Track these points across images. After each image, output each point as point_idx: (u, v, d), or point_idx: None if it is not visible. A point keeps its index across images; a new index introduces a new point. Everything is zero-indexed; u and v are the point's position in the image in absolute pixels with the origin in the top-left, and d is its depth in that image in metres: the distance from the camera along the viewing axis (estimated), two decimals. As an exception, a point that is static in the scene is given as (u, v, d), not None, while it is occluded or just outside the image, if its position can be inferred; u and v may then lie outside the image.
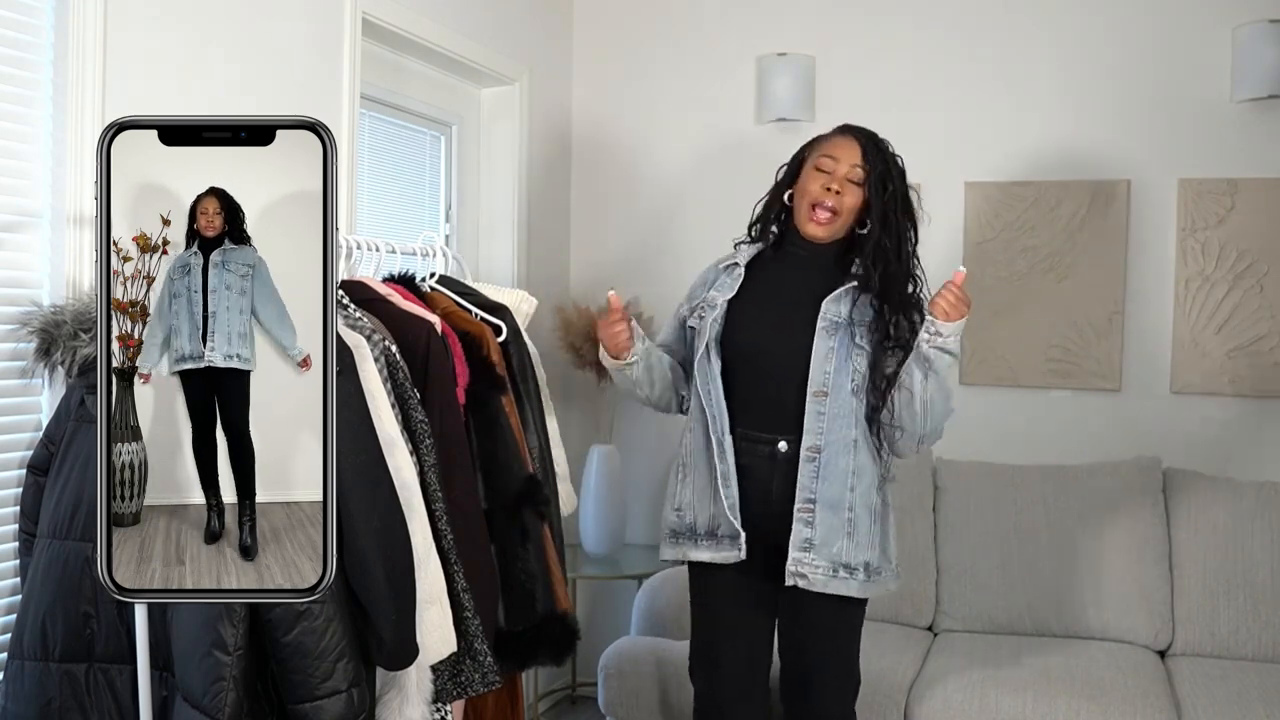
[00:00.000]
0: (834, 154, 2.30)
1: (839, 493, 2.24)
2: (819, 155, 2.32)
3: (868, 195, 2.28)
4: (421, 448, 1.95)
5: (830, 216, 2.29)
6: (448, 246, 2.69)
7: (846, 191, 2.28)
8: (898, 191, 2.28)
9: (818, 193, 2.28)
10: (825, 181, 2.28)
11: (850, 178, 2.28)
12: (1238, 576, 3.12)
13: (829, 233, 2.31)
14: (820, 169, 2.30)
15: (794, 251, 2.38)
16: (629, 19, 4.01)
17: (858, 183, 2.28)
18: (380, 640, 1.73)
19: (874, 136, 2.33)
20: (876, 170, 2.27)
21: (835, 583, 2.24)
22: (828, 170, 2.29)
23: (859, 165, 2.28)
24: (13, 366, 1.93)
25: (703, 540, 2.34)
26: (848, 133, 2.34)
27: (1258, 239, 3.39)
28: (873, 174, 2.27)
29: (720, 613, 2.41)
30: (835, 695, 2.37)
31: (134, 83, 2.12)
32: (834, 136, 2.35)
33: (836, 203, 2.28)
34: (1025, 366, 3.60)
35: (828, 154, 2.30)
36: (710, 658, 2.42)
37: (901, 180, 2.31)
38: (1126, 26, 3.51)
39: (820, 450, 2.25)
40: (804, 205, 2.31)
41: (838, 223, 2.30)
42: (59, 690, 1.74)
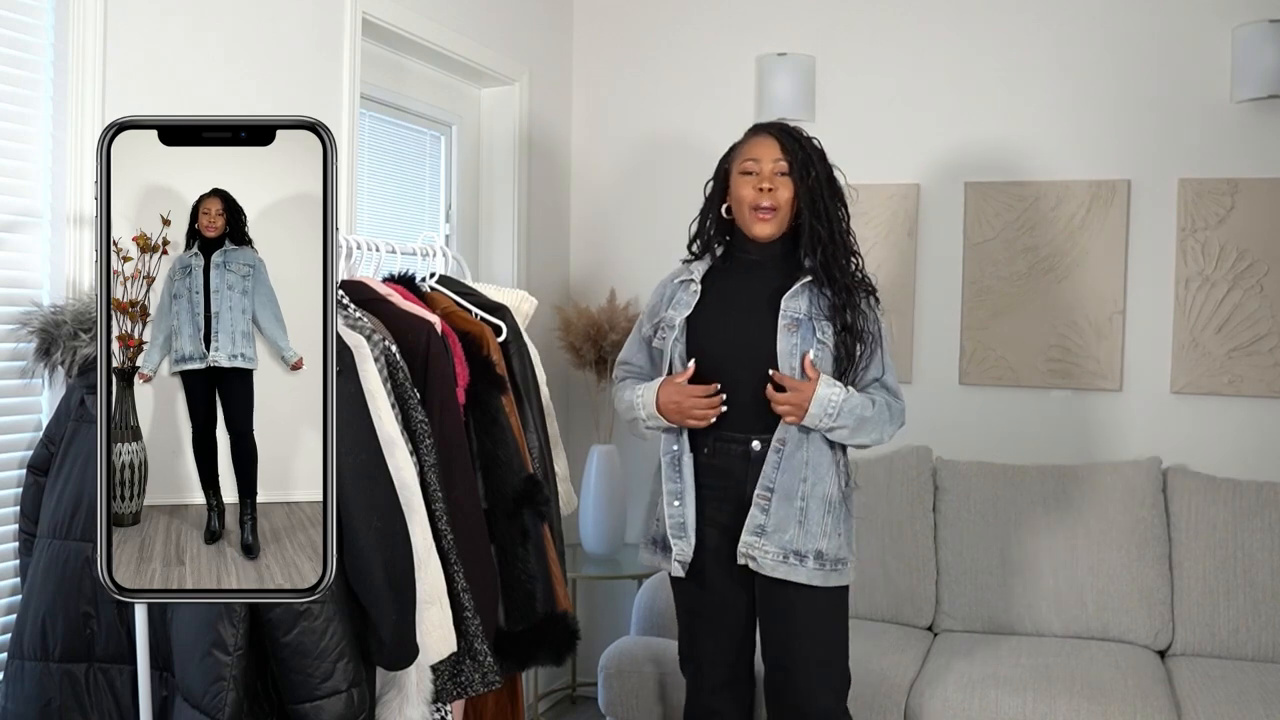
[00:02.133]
0: (754, 155, 2.39)
1: (793, 483, 2.34)
2: (741, 160, 2.41)
3: (795, 185, 2.36)
4: (421, 448, 1.95)
5: (772, 213, 2.37)
6: (448, 246, 2.69)
7: (778, 186, 2.36)
8: (820, 174, 2.37)
9: (752, 196, 2.37)
10: (755, 183, 2.37)
11: (777, 171, 2.36)
12: (1238, 576, 3.12)
13: (776, 229, 2.39)
14: (746, 172, 2.39)
15: (743, 257, 2.46)
16: (629, 19, 4.01)
17: (785, 174, 2.36)
18: (380, 640, 1.73)
19: (786, 128, 2.42)
20: (798, 159, 2.35)
21: (784, 568, 2.33)
22: (754, 172, 2.38)
23: (780, 159, 2.36)
24: (13, 366, 1.93)
25: (658, 550, 2.49)
26: (760, 131, 2.43)
27: (1258, 239, 3.39)
28: (795, 163, 2.35)
29: (699, 611, 2.49)
30: (817, 688, 2.37)
31: (134, 83, 2.12)
32: (750, 139, 2.43)
33: (772, 199, 2.36)
34: (1025, 366, 3.60)
35: (749, 157, 2.39)
36: (692, 655, 2.52)
37: (822, 163, 2.39)
38: (1126, 26, 3.51)
39: (784, 443, 2.34)
40: (744, 211, 2.40)
41: (780, 216, 2.38)
42: (59, 690, 1.74)
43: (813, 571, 2.34)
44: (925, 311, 3.70)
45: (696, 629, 2.50)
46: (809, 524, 2.34)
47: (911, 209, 3.67)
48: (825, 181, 2.37)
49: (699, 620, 2.49)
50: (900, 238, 3.69)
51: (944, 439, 3.60)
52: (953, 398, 3.68)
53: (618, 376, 2.60)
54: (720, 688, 2.50)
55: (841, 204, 2.40)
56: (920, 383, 3.69)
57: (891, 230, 3.68)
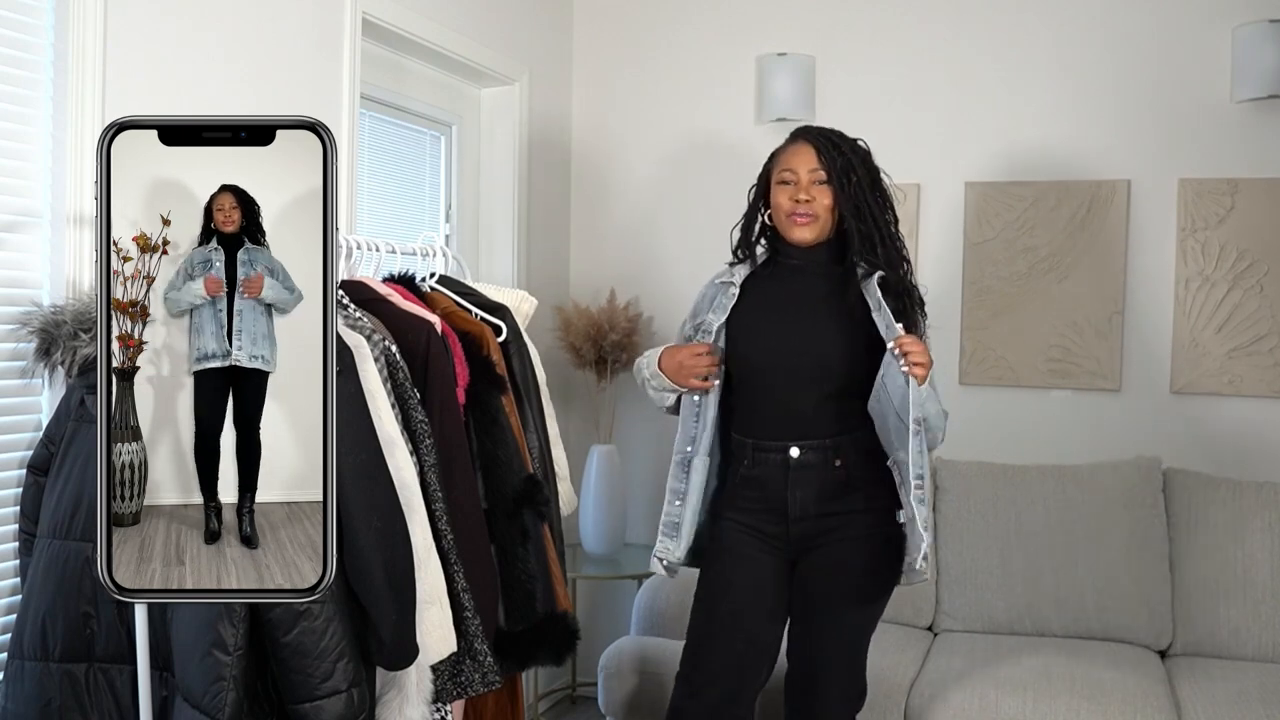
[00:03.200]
0: (791, 165, 2.35)
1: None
2: (779, 170, 2.37)
3: (835, 192, 2.32)
4: (421, 448, 1.95)
5: (810, 218, 2.33)
6: (448, 246, 2.69)
7: (815, 195, 2.32)
8: (862, 180, 2.32)
9: (789, 205, 2.34)
10: (792, 194, 2.34)
11: (814, 181, 2.33)
12: (1238, 576, 3.12)
13: (815, 233, 2.34)
14: (783, 182, 2.36)
15: (787, 262, 2.42)
16: (629, 19, 4.01)
17: (823, 182, 2.32)
18: (380, 640, 1.73)
19: (825, 133, 2.37)
20: (837, 166, 2.31)
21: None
22: (791, 182, 2.34)
23: (816, 168, 2.32)
24: (13, 366, 1.93)
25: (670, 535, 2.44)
26: (799, 139, 2.38)
27: (1258, 239, 3.39)
28: (834, 171, 2.31)
29: (721, 607, 2.37)
30: (838, 698, 2.37)
31: (134, 83, 2.12)
32: (788, 147, 2.39)
33: (809, 208, 2.32)
34: (1025, 366, 3.60)
35: (786, 167, 2.36)
36: (693, 672, 2.38)
37: (864, 166, 2.34)
38: (1126, 26, 3.51)
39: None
40: (782, 218, 2.37)
41: (819, 222, 2.33)
42: (59, 690, 1.74)
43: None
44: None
45: (703, 645, 2.38)
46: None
47: (911, 209, 3.67)
48: (869, 186, 2.32)
49: (709, 635, 2.37)
50: (900, 238, 3.69)
51: (944, 439, 3.59)
52: (953, 398, 3.67)
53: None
54: (726, 702, 2.35)
55: (889, 207, 2.36)
56: (920, 383, 3.68)
57: (891, 230, 3.68)
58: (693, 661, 2.39)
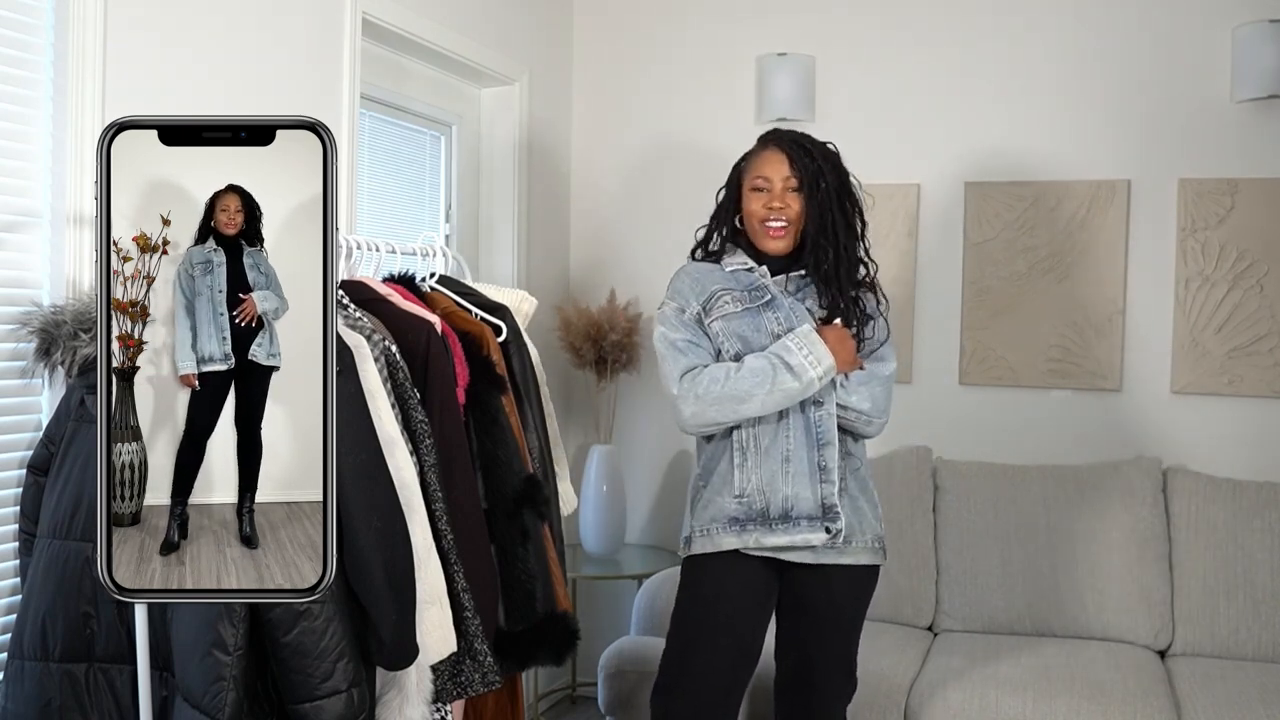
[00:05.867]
0: (764, 173, 2.34)
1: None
2: (752, 176, 2.36)
3: (805, 199, 2.32)
4: (421, 448, 1.95)
5: (784, 228, 2.33)
6: (448, 246, 2.69)
7: (789, 202, 2.32)
8: (830, 186, 2.31)
9: (762, 213, 2.34)
10: (765, 201, 2.33)
11: (787, 188, 2.32)
12: (1238, 576, 3.12)
13: (789, 243, 2.35)
14: (757, 189, 2.35)
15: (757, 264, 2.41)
16: (629, 19, 4.01)
17: (795, 189, 2.32)
18: (380, 640, 1.73)
19: (797, 139, 2.35)
20: (808, 173, 2.30)
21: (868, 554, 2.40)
22: (764, 189, 2.34)
23: (790, 175, 2.32)
24: (13, 366, 1.93)
25: (777, 525, 2.28)
26: (770, 145, 2.37)
27: (1258, 239, 3.39)
28: (805, 178, 2.31)
29: (719, 609, 2.36)
30: (835, 695, 2.38)
31: (134, 83, 2.12)
32: (760, 153, 2.38)
33: (783, 215, 2.32)
34: (1025, 366, 3.60)
35: (759, 174, 2.35)
36: (683, 677, 2.36)
37: (834, 172, 2.33)
38: (1126, 26, 3.51)
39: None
40: (755, 226, 2.36)
41: (792, 230, 2.34)
42: (59, 690, 1.74)
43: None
44: (925, 311, 3.70)
45: (712, 627, 2.35)
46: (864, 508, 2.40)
47: (911, 209, 3.67)
48: (835, 194, 2.31)
49: (717, 616, 2.35)
50: (900, 238, 3.69)
51: (944, 439, 3.60)
52: (953, 398, 3.68)
53: (691, 377, 2.29)
54: (714, 704, 2.34)
55: (857, 214, 2.35)
56: (920, 383, 3.69)
57: (891, 230, 3.68)
58: (680, 667, 2.36)
